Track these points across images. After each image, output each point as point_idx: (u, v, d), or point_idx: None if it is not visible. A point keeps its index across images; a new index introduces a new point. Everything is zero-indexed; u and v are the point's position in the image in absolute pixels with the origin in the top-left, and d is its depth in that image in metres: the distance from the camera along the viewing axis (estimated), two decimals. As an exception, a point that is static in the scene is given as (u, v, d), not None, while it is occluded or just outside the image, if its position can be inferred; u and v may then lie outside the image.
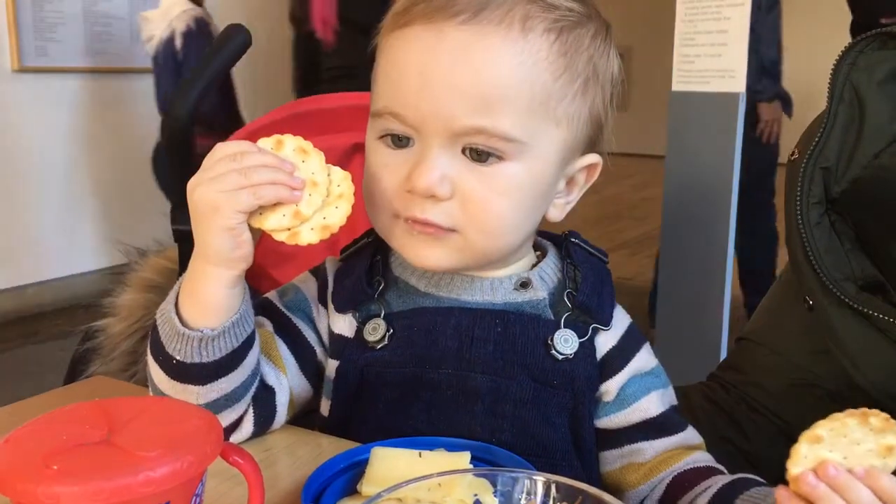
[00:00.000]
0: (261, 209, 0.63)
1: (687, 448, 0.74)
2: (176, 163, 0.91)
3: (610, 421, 0.75)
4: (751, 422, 0.95)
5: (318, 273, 0.79)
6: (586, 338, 0.73)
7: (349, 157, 0.99)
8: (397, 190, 0.67)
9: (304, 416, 0.78)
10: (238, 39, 0.92)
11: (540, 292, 0.73)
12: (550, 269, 0.75)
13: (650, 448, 0.74)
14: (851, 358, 0.80)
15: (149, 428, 0.44)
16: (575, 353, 0.72)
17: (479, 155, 0.65)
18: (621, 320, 0.76)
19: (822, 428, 0.55)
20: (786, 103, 2.96)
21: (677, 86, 1.89)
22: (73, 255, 3.90)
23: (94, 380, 0.93)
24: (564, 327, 0.72)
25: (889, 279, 0.80)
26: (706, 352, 1.81)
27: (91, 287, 3.40)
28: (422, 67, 0.64)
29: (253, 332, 0.68)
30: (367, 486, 0.59)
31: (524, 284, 0.73)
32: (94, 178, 3.99)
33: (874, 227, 0.81)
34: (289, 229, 0.64)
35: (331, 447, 0.70)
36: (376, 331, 0.72)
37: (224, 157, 0.63)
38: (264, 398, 0.72)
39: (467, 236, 0.67)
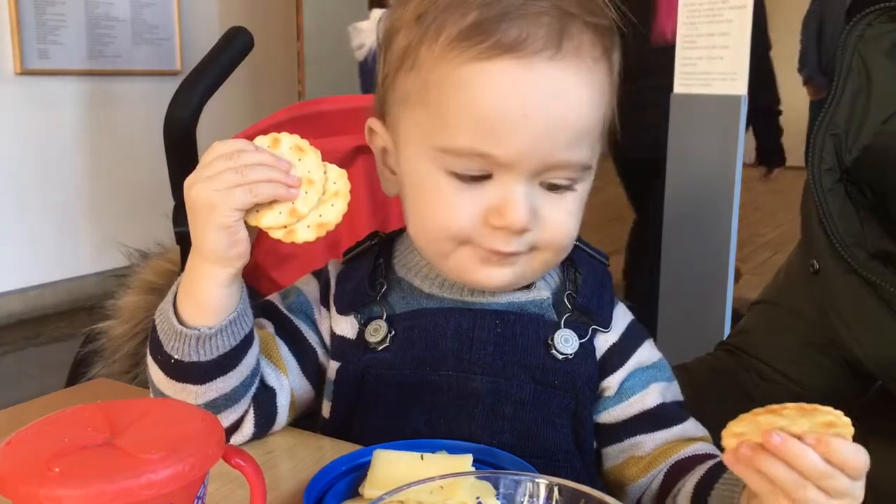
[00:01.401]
0: (257, 207, 0.63)
1: (688, 440, 0.74)
2: (177, 164, 0.91)
3: (609, 415, 0.75)
4: (761, 391, 0.94)
5: (321, 275, 0.79)
6: (586, 339, 0.73)
7: (351, 159, 0.99)
8: (476, 224, 0.66)
9: (305, 419, 0.78)
10: (240, 41, 0.92)
11: (543, 292, 0.74)
12: (553, 270, 0.76)
13: (650, 441, 0.73)
14: (849, 325, 0.80)
15: (151, 430, 0.44)
16: (575, 353, 0.72)
17: (555, 187, 0.67)
18: (622, 318, 0.77)
19: (740, 424, 0.52)
20: None
21: (679, 88, 1.89)
22: (75, 257, 3.90)
23: (96, 382, 0.93)
24: (564, 327, 0.72)
25: None
26: (708, 354, 1.81)
27: (93, 289, 3.41)
28: (522, 108, 0.63)
29: (251, 332, 0.68)
30: (369, 489, 0.58)
31: (527, 285, 0.73)
32: (95, 180, 4.00)
33: (885, 196, 0.81)
34: (285, 227, 0.64)
35: (333, 450, 0.70)
36: (377, 332, 0.72)
37: (220, 155, 0.63)
38: (265, 399, 0.72)
39: (539, 256, 0.69)
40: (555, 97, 0.64)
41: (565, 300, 0.74)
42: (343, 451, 0.65)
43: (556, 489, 0.50)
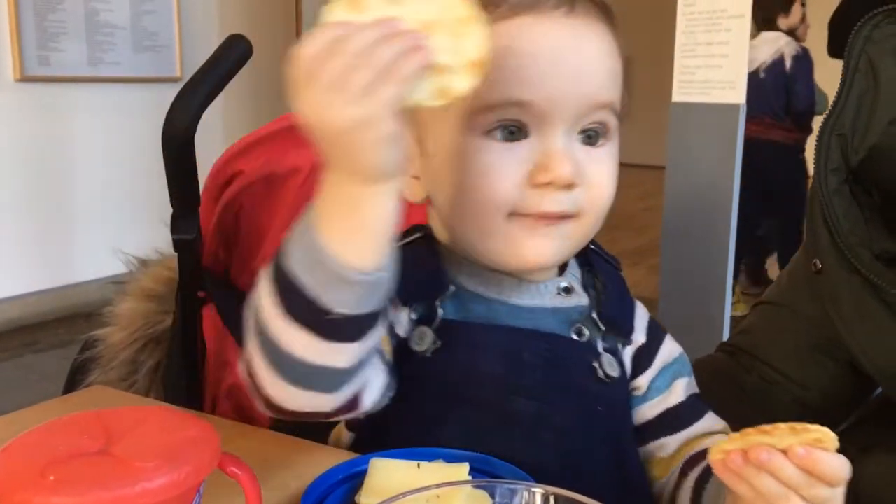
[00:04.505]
0: None
1: (708, 434, 0.74)
2: (176, 172, 0.91)
3: (636, 414, 0.74)
4: (762, 392, 0.94)
5: None
6: (618, 355, 0.73)
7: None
8: (521, 186, 0.64)
9: (303, 426, 0.78)
10: (239, 49, 0.92)
11: (583, 297, 0.73)
12: (576, 275, 0.75)
13: (673, 441, 0.74)
14: (849, 327, 0.80)
15: (146, 438, 0.44)
16: (618, 376, 0.71)
17: (590, 138, 0.67)
18: (642, 317, 0.77)
19: (731, 443, 0.55)
20: None
21: (678, 97, 1.90)
22: (74, 264, 3.90)
23: (93, 389, 0.93)
24: (604, 352, 0.72)
25: None
26: (707, 363, 1.81)
27: (92, 296, 3.41)
28: (550, 51, 0.64)
29: None
30: (366, 498, 0.58)
31: (567, 290, 0.72)
32: (95, 187, 4.00)
33: (892, 196, 0.81)
34: (439, 91, 0.52)
35: (329, 458, 0.70)
36: (423, 341, 0.69)
37: (320, 54, 0.49)
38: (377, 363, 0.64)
39: (582, 221, 0.67)
40: (578, 41, 0.65)
41: (594, 317, 0.72)
42: (340, 459, 0.65)
43: (552, 498, 0.50)
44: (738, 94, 1.80)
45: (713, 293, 1.85)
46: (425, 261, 0.71)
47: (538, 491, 0.50)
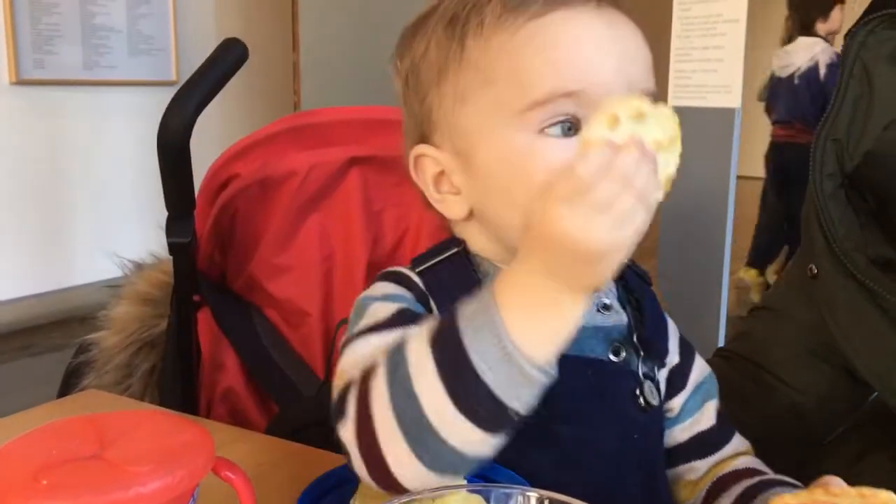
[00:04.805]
0: None
1: (735, 455, 0.73)
2: (171, 175, 0.91)
3: (668, 436, 0.73)
4: (758, 397, 0.94)
5: (409, 284, 0.68)
6: (655, 381, 0.71)
7: (344, 172, 0.99)
8: None
9: (298, 432, 0.78)
10: (234, 53, 0.92)
11: (622, 315, 0.70)
12: (613, 291, 0.72)
13: (703, 465, 0.73)
14: (845, 332, 0.80)
15: (140, 443, 0.44)
16: (657, 404, 0.70)
17: None
18: (674, 335, 0.75)
19: (797, 497, 0.55)
20: None
21: (673, 101, 1.90)
22: (69, 267, 3.89)
23: (87, 393, 0.93)
24: (645, 379, 0.69)
25: None
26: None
27: (87, 299, 3.40)
28: (594, 40, 0.63)
29: None
30: (360, 502, 0.58)
31: (606, 307, 0.70)
32: (90, 190, 3.99)
33: (886, 202, 0.81)
34: None
35: (323, 462, 0.70)
36: None
37: (598, 170, 0.50)
38: None
39: None
40: (616, 31, 0.65)
41: (633, 339, 0.70)
42: (334, 463, 0.65)
43: (546, 502, 0.49)
44: (733, 98, 1.80)
45: (710, 295, 1.85)
46: (465, 277, 0.68)
47: (533, 495, 0.50)
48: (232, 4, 4.52)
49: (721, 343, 1.82)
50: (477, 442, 0.53)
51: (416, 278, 0.68)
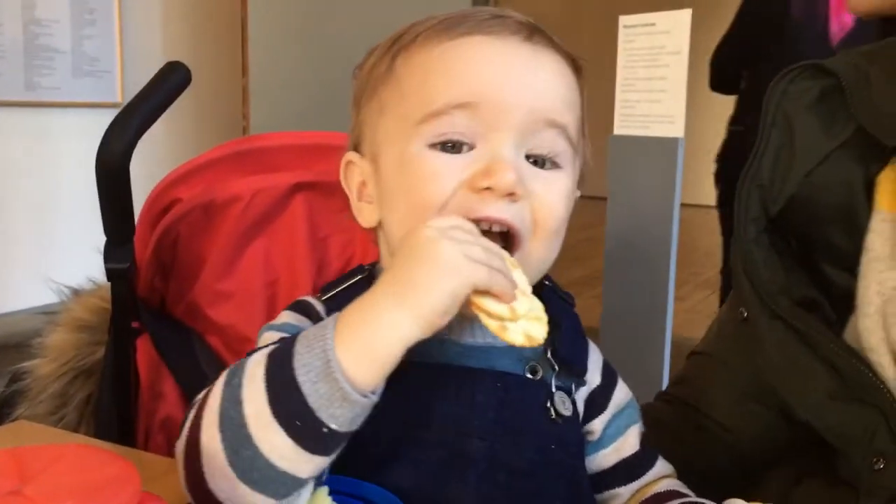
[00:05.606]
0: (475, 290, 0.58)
1: (657, 479, 0.74)
2: (109, 199, 0.89)
3: (590, 461, 0.74)
4: (696, 440, 0.95)
5: (308, 311, 0.71)
6: (571, 396, 0.72)
7: (288, 197, 0.98)
8: (462, 191, 0.64)
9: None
10: (177, 76, 0.90)
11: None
12: None
13: (627, 491, 0.74)
14: (777, 373, 0.81)
15: (62, 477, 0.42)
16: (571, 414, 0.71)
17: (536, 163, 0.66)
18: (596, 359, 0.76)
19: None
20: None
21: (619, 130, 1.93)
22: (4, 292, 3.78)
23: (17, 424, 0.90)
24: (557, 390, 0.70)
25: (826, 298, 0.81)
26: (647, 391, 1.83)
27: (22, 326, 3.29)
28: (503, 63, 0.64)
29: None
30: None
31: None
32: (27, 213, 3.89)
33: (810, 245, 0.83)
34: (501, 320, 0.60)
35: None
36: None
37: (459, 226, 0.59)
38: None
39: (530, 247, 0.66)
40: (535, 61, 0.66)
41: (548, 356, 0.71)
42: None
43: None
44: (676, 129, 1.84)
45: (654, 322, 1.88)
46: None
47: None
48: (180, 28, 4.47)
49: (667, 371, 1.84)
50: (290, 457, 0.53)
51: (319, 307, 0.70)
